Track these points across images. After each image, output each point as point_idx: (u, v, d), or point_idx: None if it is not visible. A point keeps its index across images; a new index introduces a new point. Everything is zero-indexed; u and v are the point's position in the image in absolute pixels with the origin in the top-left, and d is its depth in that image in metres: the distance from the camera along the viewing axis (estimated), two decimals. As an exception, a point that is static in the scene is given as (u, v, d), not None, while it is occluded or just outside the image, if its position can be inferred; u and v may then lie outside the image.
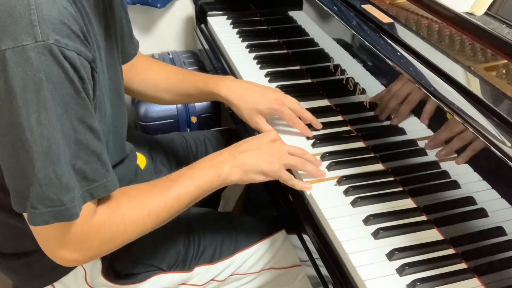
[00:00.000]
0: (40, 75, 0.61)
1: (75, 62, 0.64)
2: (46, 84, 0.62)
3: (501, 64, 0.77)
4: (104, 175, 0.71)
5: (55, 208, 0.65)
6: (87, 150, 0.68)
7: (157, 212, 0.78)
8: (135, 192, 0.80)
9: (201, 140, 1.27)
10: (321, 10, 1.09)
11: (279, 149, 0.88)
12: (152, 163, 1.14)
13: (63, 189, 0.65)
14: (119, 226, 0.75)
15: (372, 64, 0.93)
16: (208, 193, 0.84)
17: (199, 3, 1.53)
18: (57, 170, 0.64)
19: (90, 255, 0.76)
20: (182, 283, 0.98)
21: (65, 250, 0.72)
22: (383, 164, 0.93)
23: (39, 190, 0.65)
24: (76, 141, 0.67)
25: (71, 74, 0.64)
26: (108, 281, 0.92)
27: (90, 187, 0.69)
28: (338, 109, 1.09)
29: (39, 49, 0.61)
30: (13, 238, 0.87)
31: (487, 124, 0.68)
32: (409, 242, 0.78)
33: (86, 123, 0.67)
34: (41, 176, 0.64)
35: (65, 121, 0.65)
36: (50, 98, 0.63)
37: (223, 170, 0.84)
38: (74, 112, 0.66)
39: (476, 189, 0.73)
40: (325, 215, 0.82)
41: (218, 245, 1.00)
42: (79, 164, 0.67)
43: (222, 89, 1.02)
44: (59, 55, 0.62)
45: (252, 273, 1.02)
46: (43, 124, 0.63)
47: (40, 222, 0.66)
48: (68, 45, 0.63)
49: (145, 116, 1.58)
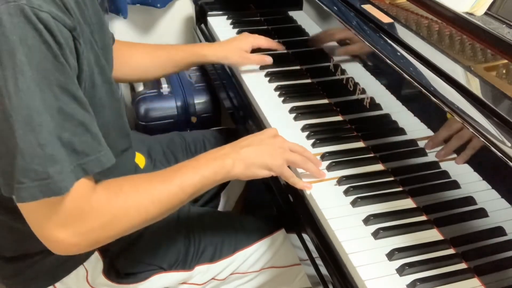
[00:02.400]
0: (13, 37, 0.59)
1: (50, 25, 0.62)
2: (20, 47, 0.59)
3: (501, 64, 0.77)
4: (96, 148, 0.68)
5: (42, 181, 0.62)
6: (73, 121, 0.65)
7: (160, 199, 0.75)
8: (138, 179, 0.78)
9: (200, 140, 1.27)
10: (321, 10, 1.09)
11: (281, 144, 0.88)
12: (151, 162, 1.15)
13: (47, 159, 0.62)
14: (120, 210, 0.72)
15: (372, 64, 0.93)
16: (212, 185, 0.82)
17: (199, 3, 1.53)
18: (39, 139, 0.61)
19: (89, 240, 0.71)
20: (183, 282, 0.98)
21: (61, 231, 0.67)
22: (383, 164, 0.93)
23: (22, 162, 0.61)
24: (60, 110, 0.63)
25: (47, 37, 0.61)
26: (109, 281, 0.92)
27: (81, 161, 0.66)
28: (338, 109, 1.09)
29: (10, 10, 0.59)
30: (14, 240, 0.87)
31: (487, 124, 0.68)
32: (409, 242, 0.78)
33: (68, 90, 0.64)
34: (23, 146, 0.61)
35: (44, 88, 0.62)
36: (26, 62, 0.60)
37: (227, 162, 0.82)
38: (54, 78, 0.63)
39: (476, 189, 0.73)
40: (325, 215, 0.82)
41: (219, 244, 1.00)
42: (66, 136, 0.64)
43: (206, 50, 1.17)
44: (32, 16, 0.60)
45: (253, 272, 1.03)
46: (22, 90, 0.60)
47: (28, 197, 0.63)
48: (41, 6, 0.61)
49: (145, 116, 1.58)
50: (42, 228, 0.68)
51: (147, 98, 1.60)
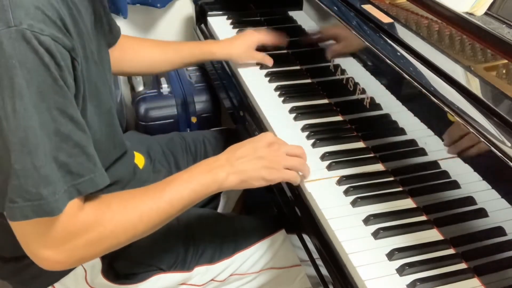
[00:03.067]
0: (13, 61, 0.60)
1: (51, 48, 0.62)
2: (20, 71, 0.60)
3: (501, 64, 0.77)
4: (91, 170, 0.68)
5: (34, 202, 0.63)
6: (69, 142, 0.65)
7: (149, 215, 0.75)
8: (127, 195, 0.77)
9: (200, 140, 1.27)
10: (321, 10, 1.09)
11: (277, 153, 0.85)
12: (150, 163, 1.14)
13: (42, 181, 0.63)
14: (107, 228, 0.72)
15: (372, 64, 0.93)
16: (203, 198, 0.81)
17: (199, 3, 1.53)
18: (35, 161, 0.62)
19: (74, 258, 0.72)
20: (182, 283, 0.98)
21: (48, 250, 0.68)
22: (383, 164, 0.93)
23: (16, 182, 0.62)
24: (57, 131, 0.64)
25: (47, 60, 0.62)
26: (108, 281, 0.92)
27: (75, 182, 0.66)
28: (338, 109, 1.09)
29: (11, 35, 0.59)
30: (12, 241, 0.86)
31: (487, 124, 0.68)
32: (409, 242, 0.78)
33: (66, 113, 0.65)
34: (18, 167, 0.62)
35: (43, 110, 0.62)
36: (25, 85, 0.61)
37: (220, 175, 0.81)
38: (53, 101, 0.63)
39: (476, 189, 0.72)
40: (325, 215, 0.82)
41: (218, 245, 1.00)
42: (62, 157, 0.65)
43: (214, 48, 1.21)
44: (33, 40, 0.60)
45: (252, 273, 1.02)
46: (19, 112, 0.61)
47: (20, 216, 0.63)
48: (42, 30, 0.61)
49: (145, 116, 1.58)
50: (28, 245, 0.69)
51: (147, 98, 1.60)
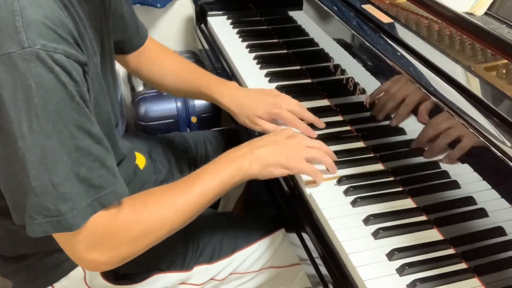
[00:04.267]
0: (29, 82, 0.60)
1: (66, 65, 0.63)
2: (36, 91, 0.60)
3: (501, 64, 0.77)
4: (112, 182, 0.70)
5: (53, 218, 0.65)
6: (89, 157, 0.67)
7: (183, 209, 0.79)
8: (160, 192, 0.80)
9: (200, 140, 1.27)
10: (321, 10, 1.09)
11: (297, 143, 0.89)
12: (151, 163, 1.14)
13: (60, 198, 0.64)
14: (147, 225, 0.75)
15: (372, 64, 0.93)
16: (231, 187, 0.85)
17: (199, 3, 1.53)
18: (53, 178, 0.63)
19: (118, 257, 0.74)
20: (182, 283, 0.98)
21: (92, 253, 0.71)
22: (383, 164, 0.93)
23: (35, 200, 0.64)
24: (77, 148, 0.65)
25: (63, 78, 0.62)
26: (107, 282, 0.92)
27: (98, 195, 0.68)
28: (338, 109, 1.09)
29: (26, 56, 0.59)
30: (13, 242, 0.87)
31: (487, 124, 0.68)
32: (409, 242, 0.78)
33: (84, 128, 0.66)
34: (36, 185, 0.63)
35: (61, 128, 0.63)
36: (43, 105, 0.61)
37: (244, 164, 0.84)
38: (71, 118, 0.64)
39: (476, 189, 0.72)
40: (325, 215, 0.82)
41: (217, 245, 1.00)
42: (83, 172, 0.66)
43: (224, 99, 1.05)
44: (48, 59, 0.61)
45: (252, 272, 1.02)
46: (36, 132, 0.62)
47: (39, 232, 0.65)
48: (56, 48, 0.62)
49: (145, 116, 1.58)
50: (72, 251, 0.72)
51: (147, 98, 1.60)
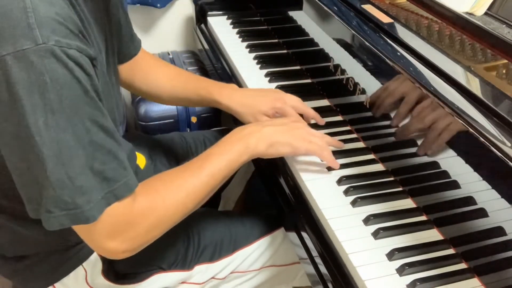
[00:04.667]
0: (44, 77, 0.61)
1: (79, 60, 0.64)
2: (51, 86, 0.61)
3: (501, 64, 0.77)
4: (124, 174, 0.71)
5: (70, 211, 0.66)
6: (102, 150, 0.68)
7: (194, 191, 0.80)
8: (169, 176, 0.81)
9: (200, 140, 1.27)
10: (321, 10, 1.09)
11: (302, 126, 0.92)
12: (151, 163, 1.14)
13: (77, 191, 0.65)
14: (161, 211, 0.76)
15: (372, 64, 0.93)
16: (239, 166, 0.85)
17: (199, 3, 1.53)
18: (69, 172, 0.64)
19: (137, 244, 0.76)
20: (182, 282, 0.98)
21: (112, 241, 0.72)
22: (383, 164, 0.93)
23: (52, 193, 0.64)
24: (91, 142, 0.66)
25: (77, 73, 0.64)
26: (109, 281, 0.92)
27: (112, 188, 0.69)
28: (338, 109, 1.09)
29: (40, 52, 0.60)
30: (15, 241, 0.87)
31: (487, 124, 0.68)
32: (409, 242, 0.78)
33: (98, 122, 0.67)
34: (54, 179, 0.64)
35: (76, 122, 0.64)
36: (58, 100, 0.62)
37: (250, 141, 0.85)
38: (85, 112, 0.65)
39: (476, 189, 0.73)
40: (325, 215, 0.82)
41: (218, 244, 1.00)
42: (97, 165, 0.67)
43: (224, 99, 1.04)
44: (62, 55, 0.62)
45: (252, 271, 1.03)
46: (52, 127, 0.62)
47: (56, 225, 0.66)
48: (69, 44, 0.63)
49: (145, 116, 1.58)
50: (92, 241, 0.73)
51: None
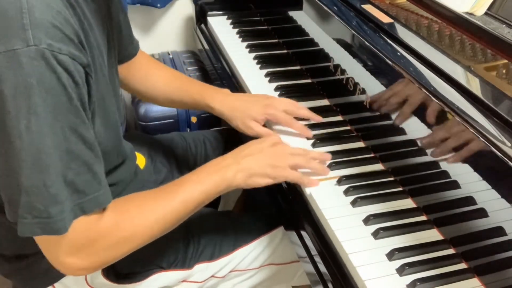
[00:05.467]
0: (31, 80, 0.60)
1: (69, 67, 0.63)
2: (37, 89, 0.60)
3: (501, 64, 0.77)
4: (96, 188, 0.69)
5: (42, 219, 0.64)
6: (78, 161, 0.66)
7: (164, 217, 0.78)
8: (142, 198, 0.79)
9: (200, 140, 1.27)
10: (321, 10, 1.09)
11: (282, 152, 0.89)
12: (151, 163, 1.14)
13: (51, 200, 0.64)
14: (127, 232, 0.75)
15: (372, 64, 0.93)
16: (214, 197, 0.84)
17: (199, 3, 1.53)
18: (45, 180, 0.63)
19: (97, 262, 0.74)
20: (183, 281, 0.98)
21: (71, 257, 0.70)
22: (383, 164, 0.93)
23: (26, 199, 0.64)
24: (68, 151, 0.65)
25: (64, 80, 0.63)
26: (108, 281, 0.92)
27: (81, 200, 0.68)
28: (338, 109, 1.09)
29: (30, 54, 0.60)
30: (15, 240, 0.87)
31: (487, 124, 0.68)
32: (409, 242, 0.78)
33: (78, 132, 0.66)
34: (29, 185, 0.63)
35: (56, 129, 0.63)
36: (42, 104, 0.61)
37: (228, 174, 0.84)
38: (66, 120, 0.64)
39: (476, 189, 0.73)
40: (325, 215, 0.82)
41: (218, 243, 1.00)
42: (70, 175, 0.66)
43: (216, 104, 1.04)
44: (52, 60, 0.61)
45: (252, 269, 1.03)
46: (33, 131, 0.61)
47: (28, 232, 0.65)
48: (61, 49, 0.62)
49: (145, 116, 1.58)
50: (51, 255, 0.71)
51: (147, 98, 1.60)
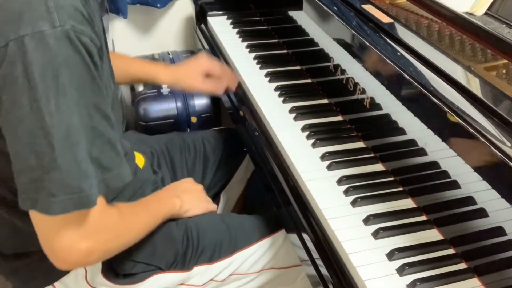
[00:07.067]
0: (59, 60, 0.63)
1: (90, 47, 0.66)
2: (64, 69, 0.63)
3: (501, 64, 0.77)
4: (118, 165, 0.72)
5: (75, 195, 0.66)
6: (102, 138, 0.69)
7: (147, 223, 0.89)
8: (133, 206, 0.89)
9: (199, 140, 1.27)
10: (321, 10, 1.09)
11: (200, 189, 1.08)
12: (150, 163, 1.15)
13: (82, 175, 0.66)
14: (126, 227, 0.82)
15: (372, 64, 0.93)
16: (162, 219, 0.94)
17: (199, 3, 1.53)
18: (76, 156, 0.65)
19: (104, 250, 0.78)
20: (181, 283, 0.98)
21: (85, 241, 0.72)
22: (383, 164, 0.93)
23: (59, 176, 0.65)
24: (92, 128, 0.67)
25: (87, 60, 0.65)
26: (108, 281, 0.92)
27: (105, 176, 0.70)
28: (338, 109, 1.09)
29: (57, 35, 0.62)
30: (15, 238, 0.87)
31: (487, 124, 0.68)
32: (409, 242, 0.78)
33: (101, 109, 0.68)
34: (61, 162, 0.64)
35: (81, 107, 0.66)
36: (69, 83, 0.64)
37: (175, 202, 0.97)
38: (90, 98, 0.67)
39: (476, 189, 0.72)
40: (325, 215, 0.82)
41: (217, 245, 1.00)
42: (95, 152, 0.68)
43: (161, 76, 1.16)
44: (76, 40, 0.64)
45: (252, 273, 1.02)
46: (62, 110, 0.64)
47: (60, 210, 0.66)
48: (83, 31, 0.65)
49: (145, 116, 1.57)
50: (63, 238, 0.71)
51: (147, 98, 1.60)
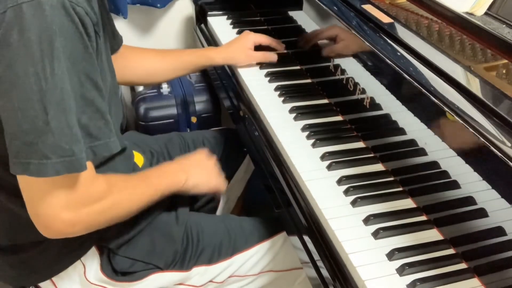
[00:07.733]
0: (54, 27, 0.65)
1: (84, 19, 0.68)
2: (59, 36, 0.65)
3: (501, 64, 0.77)
4: (108, 135, 0.74)
5: (67, 158, 0.68)
6: (92, 107, 0.71)
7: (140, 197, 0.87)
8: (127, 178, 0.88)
9: (199, 140, 1.27)
10: (321, 10, 1.09)
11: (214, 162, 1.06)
12: (150, 162, 1.15)
13: (74, 139, 0.68)
14: (115, 200, 0.81)
15: (372, 64, 0.93)
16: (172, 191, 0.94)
17: (199, 3, 1.53)
18: (69, 120, 0.67)
19: (87, 223, 0.78)
20: (180, 283, 0.98)
21: (68, 212, 0.73)
22: (383, 164, 0.93)
23: (52, 139, 0.67)
24: (83, 96, 0.70)
25: (80, 29, 0.68)
26: (106, 277, 0.92)
27: (93, 144, 0.72)
28: (338, 109, 1.09)
29: (53, 3, 0.64)
30: (13, 227, 0.86)
31: (487, 124, 0.68)
32: (409, 242, 0.78)
33: (92, 79, 0.71)
34: (54, 125, 0.66)
35: (73, 74, 0.68)
36: (63, 50, 0.66)
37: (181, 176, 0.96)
38: (82, 66, 0.69)
39: (476, 189, 0.73)
40: (325, 215, 0.82)
41: (217, 246, 1.00)
42: (84, 119, 0.70)
43: (214, 54, 1.22)
44: (71, 10, 0.66)
45: (251, 275, 1.02)
46: (57, 74, 0.66)
47: (52, 172, 0.68)
48: (78, 2, 0.67)
49: (145, 116, 1.58)
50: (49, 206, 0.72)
51: (147, 98, 1.60)
